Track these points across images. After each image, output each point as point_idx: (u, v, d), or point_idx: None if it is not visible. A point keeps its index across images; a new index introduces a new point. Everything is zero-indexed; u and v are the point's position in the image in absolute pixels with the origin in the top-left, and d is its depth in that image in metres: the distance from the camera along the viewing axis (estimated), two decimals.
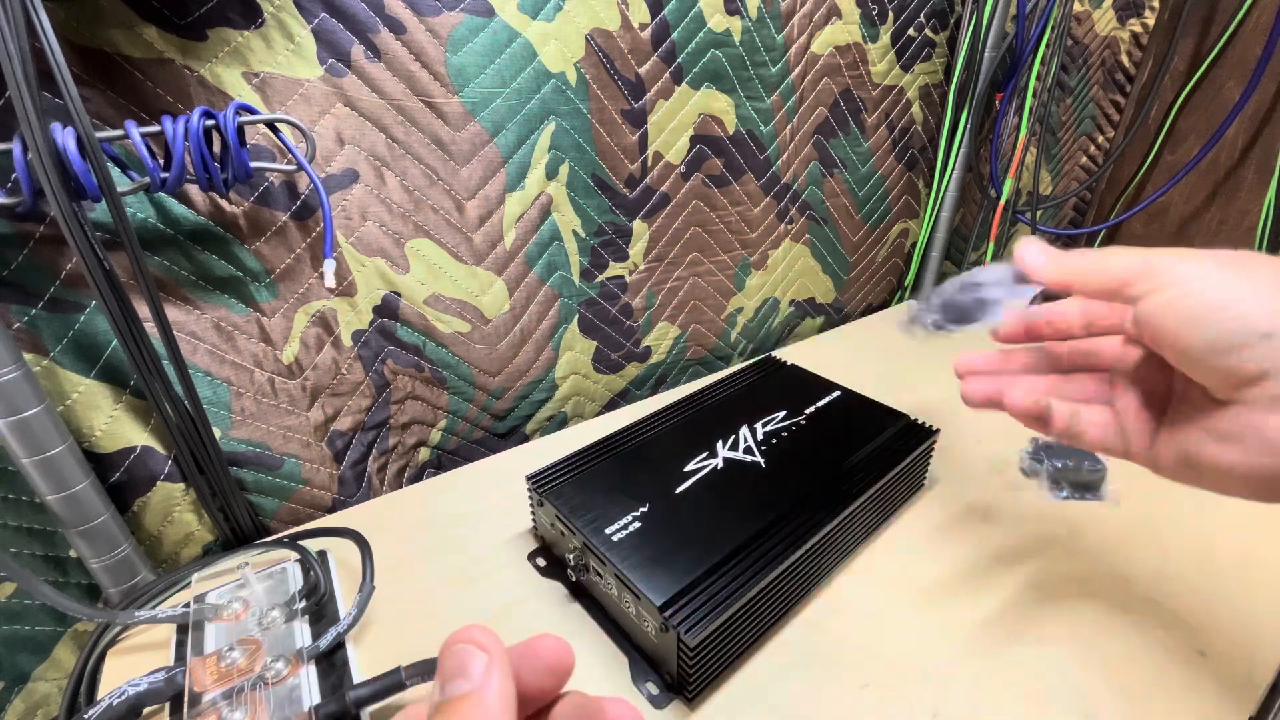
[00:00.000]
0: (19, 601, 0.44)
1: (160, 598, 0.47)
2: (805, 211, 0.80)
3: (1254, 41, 0.82)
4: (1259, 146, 0.85)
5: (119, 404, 0.46)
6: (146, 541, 0.50)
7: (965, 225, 0.97)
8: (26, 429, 0.40)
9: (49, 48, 0.35)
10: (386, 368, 0.59)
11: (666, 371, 0.78)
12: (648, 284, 0.71)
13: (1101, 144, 1.03)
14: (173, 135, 0.40)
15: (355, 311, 0.55)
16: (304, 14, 0.46)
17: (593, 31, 0.57)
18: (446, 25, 0.50)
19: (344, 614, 0.42)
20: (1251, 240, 0.85)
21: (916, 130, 0.85)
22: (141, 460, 0.47)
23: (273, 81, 0.46)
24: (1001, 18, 0.77)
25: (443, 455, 0.66)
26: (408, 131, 0.52)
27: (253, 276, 0.50)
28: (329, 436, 0.56)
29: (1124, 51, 0.96)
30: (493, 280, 0.60)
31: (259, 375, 0.51)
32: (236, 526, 0.52)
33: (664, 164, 0.66)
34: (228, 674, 0.38)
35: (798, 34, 0.69)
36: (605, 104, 0.60)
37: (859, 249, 0.89)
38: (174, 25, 0.42)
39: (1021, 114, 0.83)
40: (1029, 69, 0.80)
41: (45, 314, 0.42)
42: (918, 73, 0.81)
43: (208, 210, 0.46)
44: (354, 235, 0.53)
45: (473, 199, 0.56)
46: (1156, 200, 0.94)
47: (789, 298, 0.85)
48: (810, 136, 0.76)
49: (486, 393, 0.64)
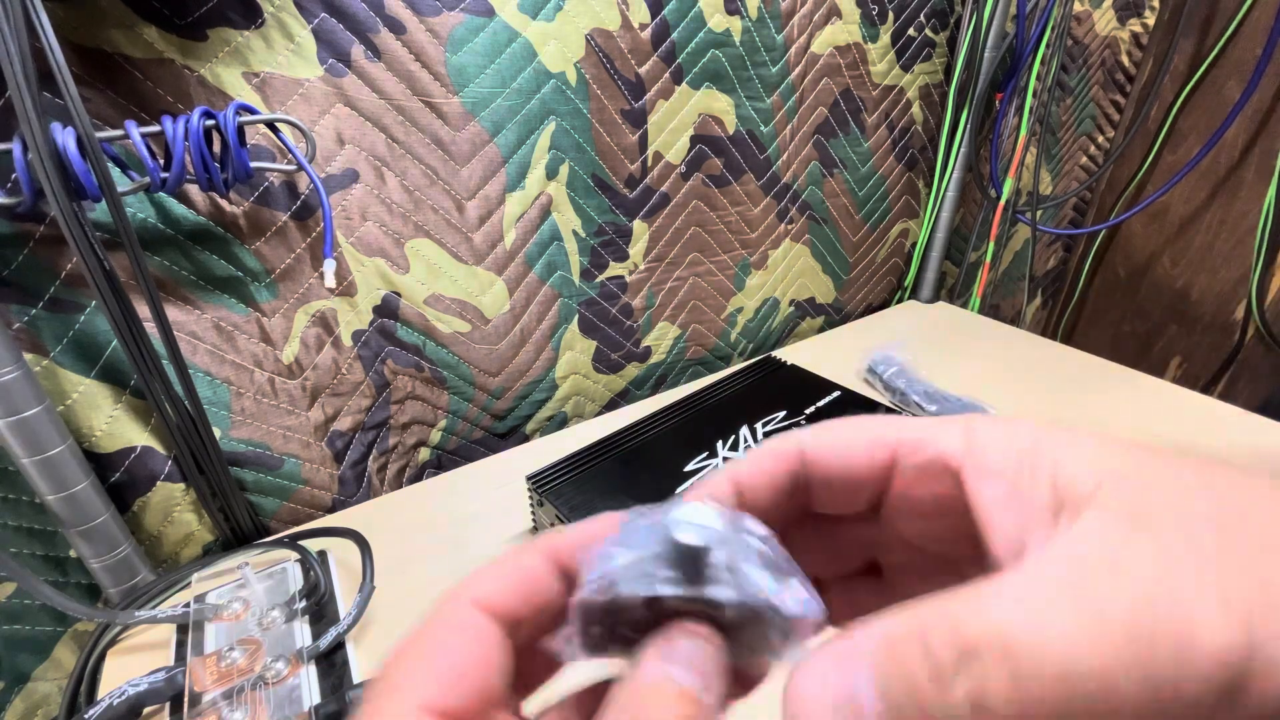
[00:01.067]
0: (19, 601, 0.44)
1: (160, 598, 0.47)
2: (805, 211, 0.80)
3: (1254, 41, 0.82)
4: (1259, 146, 0.85)
5: (119, 404, 0.46)
6: (146, 541, 0.50)
7: (965, 225, 0.97)
8: (26, 429, 0.40)
9: (49, 48, 0.35)
10: (386, 368, 0.59)
11: (666, 371, 0.78)
12: (648, 284, 0.71)
13: (1101, 144, 1.03)
14: (173, 135, 0.40)
15: (355, 311, 0.55)
16: (304, 14, 0.46)
17: (593, 31, 0.57)
18: (446, 25, 0.50)
19: (344, 614, 0.42)
20: (1251, 240, 0.85)
21: (916, 130, 0.85)
22: (141, 460, 0.47)
23: (273, 81, 0.46)
24: (1001, 18, 0.77)
25: (443, 455, 0.66)
26: (408, 131, 0.52)
27: (253, 276, 0.50)
28: (329, 436, 0.56)
29: (1124, 51, 0.96)
30: (493, 280, 0.60)
31: (259, 375, 0.51)
32: (236, 526, 0.52)
33: (664, 164, 0.66)
34: (228, 674, 0.38)
35: (798, 34, 0.69)
36: (605, 104, 0.60)
37: (859, 249, 0.89)
38: (174, 25, 0.42)
39: (1021, 114, 0.83)
40: (1029, 69, 0.80)
41: (45, 314, 0.42)
42: (918, 73, 0.81)
43: (208, 210, 0.46)
44: (354, 235, 0.53)
45: (473, 199, 0.56)
46: (1156, 200, 0.94)
47: (789, 298, 0.85)
48: (810, 136, 0.76)
49: (486, 393, 0.64)
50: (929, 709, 0.12)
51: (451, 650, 0.15)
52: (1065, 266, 1.14)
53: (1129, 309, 1.05)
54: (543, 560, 0.17)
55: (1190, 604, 0.11)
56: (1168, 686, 0.11)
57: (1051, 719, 0.11)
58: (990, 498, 0.14)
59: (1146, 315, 1.03)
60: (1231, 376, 0.95)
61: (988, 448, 0.15)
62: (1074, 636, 0.11)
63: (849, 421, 0.18)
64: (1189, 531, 0.12)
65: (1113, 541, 0.12)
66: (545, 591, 0.16)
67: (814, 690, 0.13)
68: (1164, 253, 0.98)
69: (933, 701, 0.12)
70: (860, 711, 0.12)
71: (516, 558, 0.17)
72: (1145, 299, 1.02)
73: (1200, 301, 0.96)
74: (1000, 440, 0.15)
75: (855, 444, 0.17)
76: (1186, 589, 0.11)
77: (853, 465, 0.17)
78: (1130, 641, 0.11)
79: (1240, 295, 0.91)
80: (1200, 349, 0.98)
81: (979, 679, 0.11)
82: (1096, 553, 0.12)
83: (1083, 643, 0.11)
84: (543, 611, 0.16)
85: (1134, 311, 1.04)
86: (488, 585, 0.16)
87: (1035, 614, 0.12)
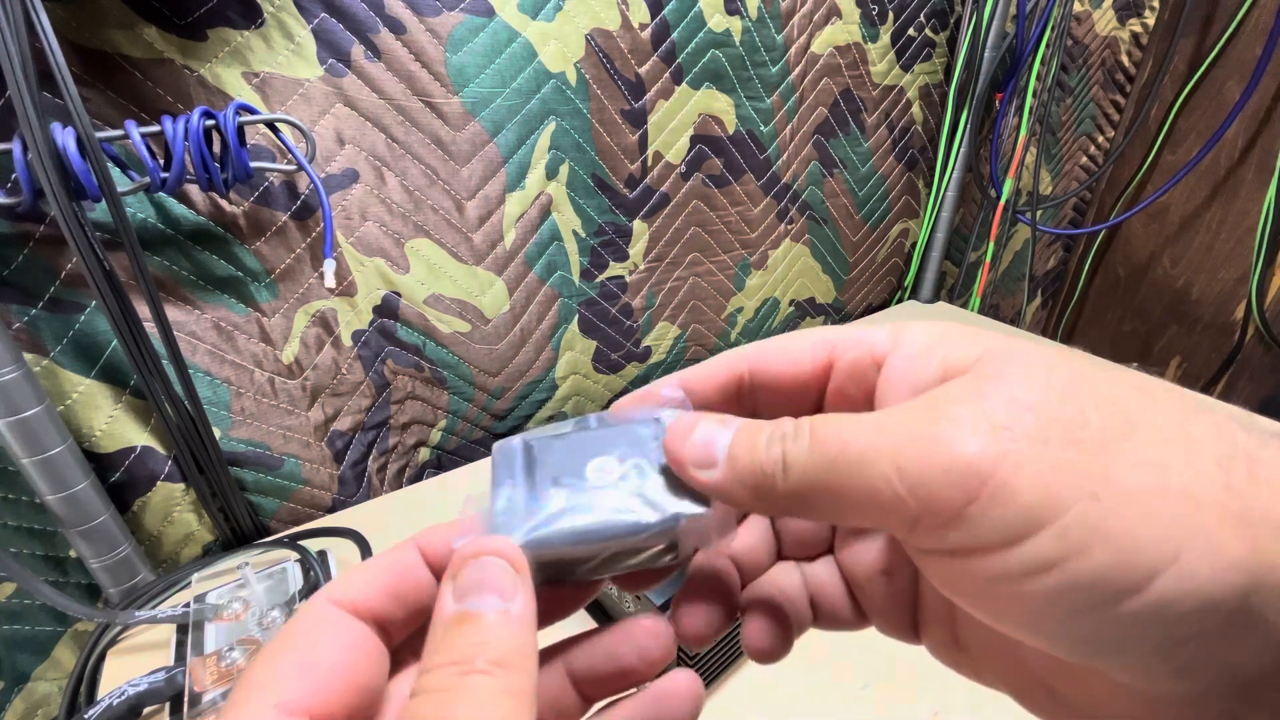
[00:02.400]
0: (19, 601, 0.44)
1: (160, 598, 0.47)
2: (805, 211, 0.80)
3: (1254, 41, 0.82)
4: (1259, 146, 0.85)
5: (119, 404, 0.46)
6: (146, 541, 0.50)
7: (965, 225, 0.97)
8: (27, 429, 0.40)
9: (49, 48, 0.35)
10: (386, 368, 0.59)
11: (666, 371, 0.78)
12: (648, 284, 0.71)
13: (1101, 144, 1.03)
14: (173, 135, 0.40)
15: (355, 311, 0.55)
16: (304, 14, 0.46)
17: (593, 31, 0.57)
18: (446, 25, 0.50)
19: None
20: (1251, 240, 0.85)
21: (916, 130, 0.85)
22: (141, 460, 0.47)
23: (273, 81, 0.46)
24: (1001, 18, 0.77)
25: (443, 455, 0.66)
26: (408, 131, 0.52)
27: (253, 276, 0.50)
28: (329, 436, 0.56)
29: (1124, 51, 0.96)
30: (493, 280, 0.60)
31: (259, 375, 0.51)
32: (236, 526, 0.52)
33: (664, 164, 0.66)
34: (228, 674, 0.38)
35: (798, 34, 0.69)
36: (605, 104, 0.60)
37: (859, 249, 0.89)
38: (174, 25, 0.42)
39: (1021, 114, 0.83)
40: (1029, 69, 0.80)
41: (45, 314, 0.42)
42: (918, 73, 0.81)
43: (208, 210, 0.46)
44: (354, 235, 0.53)
45: (473, 199, 0.56)
46: (1156, 200, 0.94)
47: (789, 298, 0.85)
48: (810, 136, 0.76)
49: (486, 393, 0.64)
50: (756, 459, 0.15)
51: (310, 650, 0.15)
52: (1065, 266, 1.14)
53: (1129, 309, 1.05)
54: (417, 556, 0.17)
55: (963, 423, 0.13)
56: (922, 487, 0.13)
57: (831, 488, 0.14)
58: (889, 374, 0.16)
59: (1146, 315, 1.03)
60: (1231, 376, 0.95)
61: (908, 341, 0.17)
62: (863, 431, 0.14)
63: (793, 333, 0.19)
64: (1009, 385, 0.14)
65: (948, 392, 0.14)
66: (418, 587, 0.16)
67: (686, 427, 0.17)
68: (1164, 253, 0.98)
69: (760, 454, 0.15)
70: (712, 452, 0.16)
71: (389, 555, 0.17)
72: (1145, 299, 1.02)
73: (1200, 301, 0.96)
74: (919, 335, 0.17)
75: (799, 347, 0.18)
76: (971, 415, 0.13)
77: (797, 366, 0.18)
78: (902, 442, 0.14)
79: (1240, 295, 0.91)
80: (1200, 349, 0.98)
81: (789, 443, 0.15)
82: (927, 399, 0.14)
83: (863, 435, 0.14)
84: (416, 608, 0.16)
85: (1134, 311, 1.04)
86: (353, 585, 0.16)
87: (852, 421, 0.15)
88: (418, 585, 0.16)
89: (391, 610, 0.16)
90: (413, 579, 0.16)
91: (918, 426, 0.14)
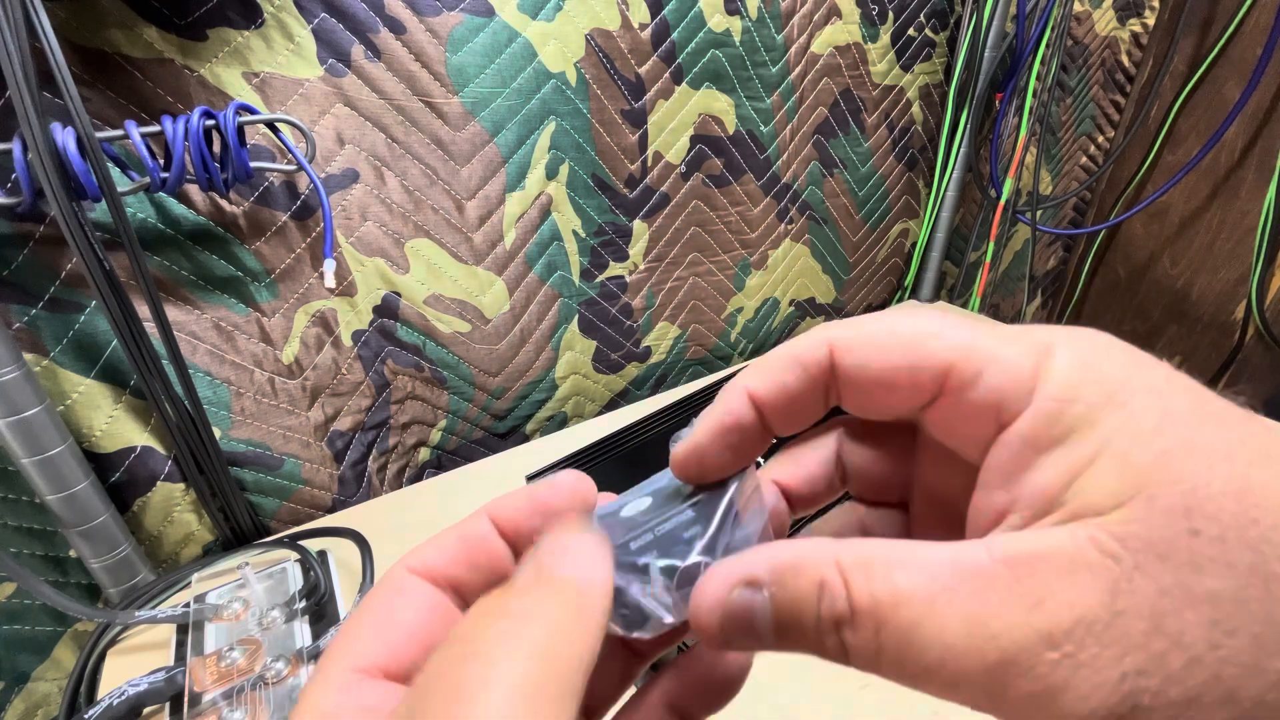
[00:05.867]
0: (19, 601, 0.44)
1: (160, 598, 0.47)
2: (805, 211, 0.80)
3: (1254, 41, 0.82)
4: (1259, 146, 0.85)
5: (119, 404, 0.46)
6: (146, 541, 0.50)
7: (965, 225, 0.97)
8: (26, 429, 0.40)
9: (49, 48, 0.35)
10: (386, 368, 0.59)
11: (666, 371, 0.78)
12: (648, 284, 0.71)
13: (1101, 144, 1.03)
14: (173, 135, 0.40)
15: (355, 311, 0.55)
16: (304, 14, 0.46)
17: (593, 31, 0.57)
18: (446, 25, 0.50)
19: (344, 614, 0.42)
20: (1251, 240, 0.85)
21: (916, 130, 0.85)
22: (141, 460, 0.47)
23: (273, 81, 0.46)
24: (1001, 18, 0.77)
25: (443, 455, 0.66)
26: (408, 131, 0.52)
27: (253, 276, 0.50)
28: (329, 436, 0.56)
29: (1124, 51, 0.96)
30: (493, 280, 0.60)
31: (259, 375, 0.51)
32: (236, 526, 0.52)
33: (664, 164, 0.66)
34: (228, 674, 0.38)
35: (798, 34, 0.69)
36: (605, 104, 0.60)
37: (859, 249, 0.89)
38: (174, 25, 0.42)
39: (1021, 114, 0.83)
40: (1029, 69, 0.80)
41: (45, 314, 0.42)
42: (918, 73, 0.81)
43: (208, 210, 0.46)
44: (354, 235, 0.53)
45: (473, 199, 0.56)
46: (1156, 200, 0.94)
47: (789, 298, 0.85)
48: (810, 136, 0.76)
49: (486, 393, 0.64)
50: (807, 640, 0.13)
51: (386, 614, 0.15)
52: (1065, 266, 1.14)
53: (1129, 309, 1.05)
54: (489, 526, 0.17)
55: (1083, 674, 0.11)
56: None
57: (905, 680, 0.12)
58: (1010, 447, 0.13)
59: (1146, 315, 1.03)
60: (1231, 376, 0.95)
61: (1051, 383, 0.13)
62: (950, 639, 0.12)
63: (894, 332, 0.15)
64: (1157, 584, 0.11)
65: (1070, 589, 0.11)
66: (491, 555, 0.17)
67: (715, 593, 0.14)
68: (1164, 253, 0.98)
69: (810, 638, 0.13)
70: (753, 629, 0.14)
71: (461, 526, 0.17)
72: (1145, 299, 1.02)
73: (1200, 301, 0.96)
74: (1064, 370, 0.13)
75: (892, 358, 0.15)
76: (1096, 660, 0.11)
77: (894, 392, 0.15)
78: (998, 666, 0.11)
79: (1240, 295, 0.91)
80: (1200, 349, 0.98)
81: (847, 634, 0.13)
82: (1041, 585, 0.11)
83: (953, 654, 0.12)
84: (491, 575, 0.17)
85: (1134, 311, 1.04)
86: (428, 553, 0.16)
87: (928, 603, 0.12)
88: (490, 553, 0.17)
89: (467, 576, 0.16)
90: (485, 548, 0.17)
91: (1018, 653, 0.11)
